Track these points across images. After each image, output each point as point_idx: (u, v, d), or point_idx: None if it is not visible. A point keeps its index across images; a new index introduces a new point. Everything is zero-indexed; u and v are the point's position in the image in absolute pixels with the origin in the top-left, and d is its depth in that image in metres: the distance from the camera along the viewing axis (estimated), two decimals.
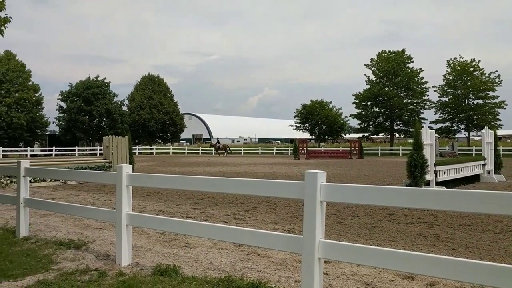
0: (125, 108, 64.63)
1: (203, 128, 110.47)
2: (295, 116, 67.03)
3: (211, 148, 59.41)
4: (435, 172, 13.46)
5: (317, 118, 63.71)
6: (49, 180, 15.58)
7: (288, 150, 57.95)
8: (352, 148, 44.68)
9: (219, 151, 55.26)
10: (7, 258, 5.66)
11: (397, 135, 62.97)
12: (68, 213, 6.98)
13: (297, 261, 5.25)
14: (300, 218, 8.39)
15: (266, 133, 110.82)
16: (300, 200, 3.82)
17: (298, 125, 67.03)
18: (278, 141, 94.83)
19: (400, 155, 47.55)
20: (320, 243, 3.63)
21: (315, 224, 3.62)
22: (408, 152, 14.42)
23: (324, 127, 64.90)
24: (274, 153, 59.37)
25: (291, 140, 70.51)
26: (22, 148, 50.04)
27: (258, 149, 62.38)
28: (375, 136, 65.53)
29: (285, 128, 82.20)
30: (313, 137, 68.00)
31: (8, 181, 14.90)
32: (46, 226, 7.56)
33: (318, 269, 3.64)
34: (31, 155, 45.16)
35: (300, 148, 44.63)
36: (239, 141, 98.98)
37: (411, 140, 58.70)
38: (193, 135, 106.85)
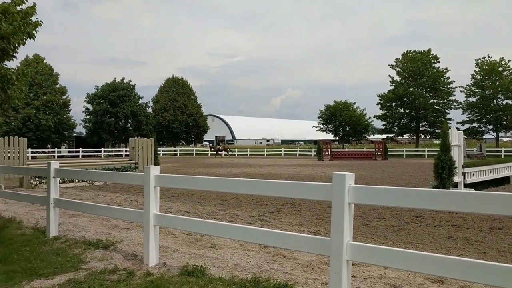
0: (149, 110, 65.56)
1: (226, 130, 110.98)
2: (318, 117, 66.78)
3: (212, 151, 58.95)
4: (463, 174, 13.19)
5: (341, 119, 63.30)
6: (76, 181, 15.89)
7: (311, 151, 57.71)
8: (377, 150, 44.17)
9: (219, 153, 55.24)
10: (38, 257, 5.80)
11: (422, 136, 62.00)
12: (96, 213, 7.11)
13: (323, 263, 5.22)
14: (325, 220, 8.34)
15: (289, 134, 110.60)
16: (326, 202, 3.80)
17: (322, 126, 66.73)
18: (301, 143, 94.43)
19: (426, 156, 46.75)
20: (348, 245, 3.60)
21: (343, 226, 3.59)
22: (434, 153, 14.20)
23: (348, 128, 64.43)
24: (298, 155, 59.21)
25: (315, 142, 70.11)
26: (50, 150, 51.29)
27: (281, 151, 62.30)
28: (399, 137, 64.68)
29: (309, 129, 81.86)
30: (337, 138, 67.55)
31: (38, 182, 15.25)
32: (75, 226, 7.71)
33: (346, 271, 3.61)
34: (58, 157, 46.24)
35: (324, 150, 44.35)
36: (262, 143, 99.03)
37: (437, 141, 57.97)
38: (216, 137, 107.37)
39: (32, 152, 43.92)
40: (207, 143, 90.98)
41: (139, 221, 5.81)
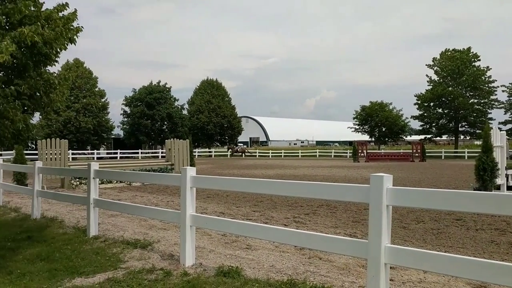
0: (185, 112, 66.51)
1: (260, 131, 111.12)
2: (354, 118, 65.93)
3: (228, 151, 61.33)
4: (507, 175, 12.73)
5: (377, 119, 62.23)
6: (114, 181, 16.28)
7: (346, 152, 57.08)
8: (414, 151, 43.19)
9: (235, 154, 57.39)
10: (79, 256, 5.97)
11: (462, 137, 60.16)
12: (134, 213, 7.25)
13: (360, 266, 5.14)
14: (362, 223, 8.22)
15: (323, 135, 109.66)
16: (363, 204, 3.75)
17: (357, 127, 65.85)
18: (336, 144, 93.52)
19: (466, 158, 45.40)
20: (386, 248, 3.54)
21: (381, 228, 3.53)
22: (475, 155, 13.78)
23: (384, 129, 63.26)
24: (332, 156, 58.68)
25: (350, 143, 69.34)
26: (89, 151, 52.79)
27: (316, 152, 61.88)
28: (438, 138, 62.97)
29: (344, 130, 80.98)
30: (373, 139, 66.48)
31: (78, 183, 15.72)
32: (113, 226, 7.90)
33: (384, 275, 3.55)
34: (97, 158, 47.55)
35: (360, 151, 43.77)
36: (296, 144, 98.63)
37: (477, 142, 56.22)
38: (250, 138, 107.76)
39: (72, 154, 45.30)
40: (241, 144, 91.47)
41: (175, 222, 5.89)
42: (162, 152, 50.44)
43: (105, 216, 8.75)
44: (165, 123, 62.67)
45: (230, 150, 60.16)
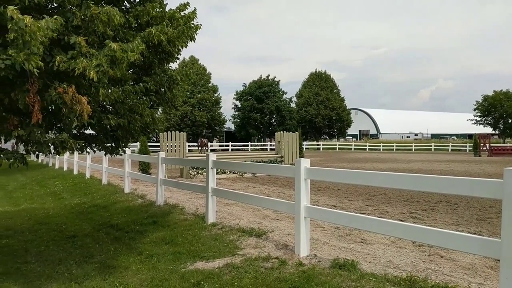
0: (293, 105, 66.92)
1: (370, 123, 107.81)
2: (474, 109, 61.01)
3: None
4: None
5: (502, 111, 56.87)
6: (228, 172, 16.97)
7: (466, 146, 52.98)
8: None
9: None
10: (199, 241, 6.34)
11: None
12: (250, 203, 7.48)
13: (488, 267, 4.75)
14: (487, 221, 7.60)
15: (439, 128, 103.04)
16: (488, 201, 3.44)
17: (479, 119, 60.85)
18: (454, 137, 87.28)
19: None
20: None
21: None
22: None
23: (510, 121, 57.55)
24: (449, 150, 54.92)
25: (469, 136, 64.28)
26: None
27: (431, 146, 58.36)
28: None
29: (463, 122, 75.30)
30: (497, 132, 60.89)
31: (195, 172, 16.67)
32: (229, 214, 8.24)
33: None
34: (210, 150, 49.89)
35: (482, 145, 40.36)
36: (409, 137, 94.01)
37: None
38: (360, 131, 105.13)
39: (188, 146, 48.05)
40: (351, 137, 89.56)
41: (289, 213, 5.96)
42: (270, 145, 51.36)
43: (221, 205, 9.15)
44: (274, 116, 63.72)
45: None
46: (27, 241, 7.05)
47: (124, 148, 6.33)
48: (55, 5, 4.67)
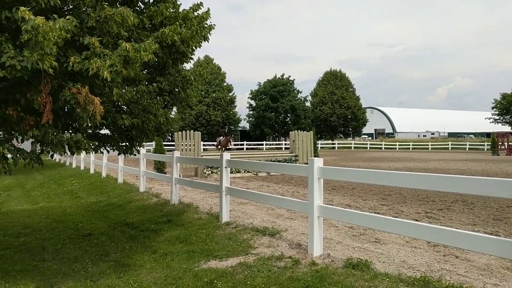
0: (308, 104, 66.72)
1: (386, 122, 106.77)
2: (492, 108, 60.04)
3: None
4: None
5: None
6: (243, 171, 16.99)
7: (483, 145, 52.15)
8: None
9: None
10: (213, 240, 6.37)
11: None
12: (264, 202, 7.48)
13: (505, 267, 4.68)
14: (505, 221, 7.49)
15: (456, 126, 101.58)
16: (505, 201, 3.38)
17: (497, 117, 59.86)
18: (471, 136, 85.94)
19: None
20: None
21: None
22: None
23: None
24: (467, 149, 54.11)
25: (487, 134, 63.26)
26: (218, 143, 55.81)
27: (448, 144, 57.63)
28: None
29: (480, 121, 74.23)
30: None
31: (210, 172, 16.73)
32: (243, 213, 8.25)
33: None
34: (225, 149, 49.95)
35: (500, 143, 39.68)
36: (425, 136, 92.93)
37: None
38: (375, 130, 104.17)
39: (203, 145, 48.22)
40: (366, 136, 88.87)
41: (303, 212, 5.95)
42: (285, 144, 51.30)
43: (235, 204, 9.17)
44: (289, 115, 63.61)
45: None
46: (44, 239, 7.16)
47: (138, 148, 6.38)
48: (71, 6, 4.73)
